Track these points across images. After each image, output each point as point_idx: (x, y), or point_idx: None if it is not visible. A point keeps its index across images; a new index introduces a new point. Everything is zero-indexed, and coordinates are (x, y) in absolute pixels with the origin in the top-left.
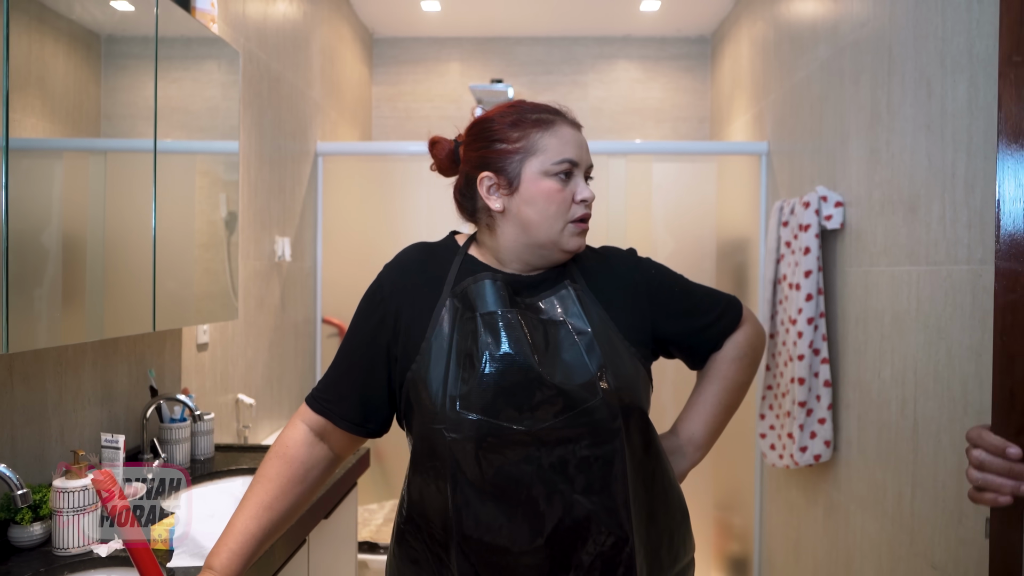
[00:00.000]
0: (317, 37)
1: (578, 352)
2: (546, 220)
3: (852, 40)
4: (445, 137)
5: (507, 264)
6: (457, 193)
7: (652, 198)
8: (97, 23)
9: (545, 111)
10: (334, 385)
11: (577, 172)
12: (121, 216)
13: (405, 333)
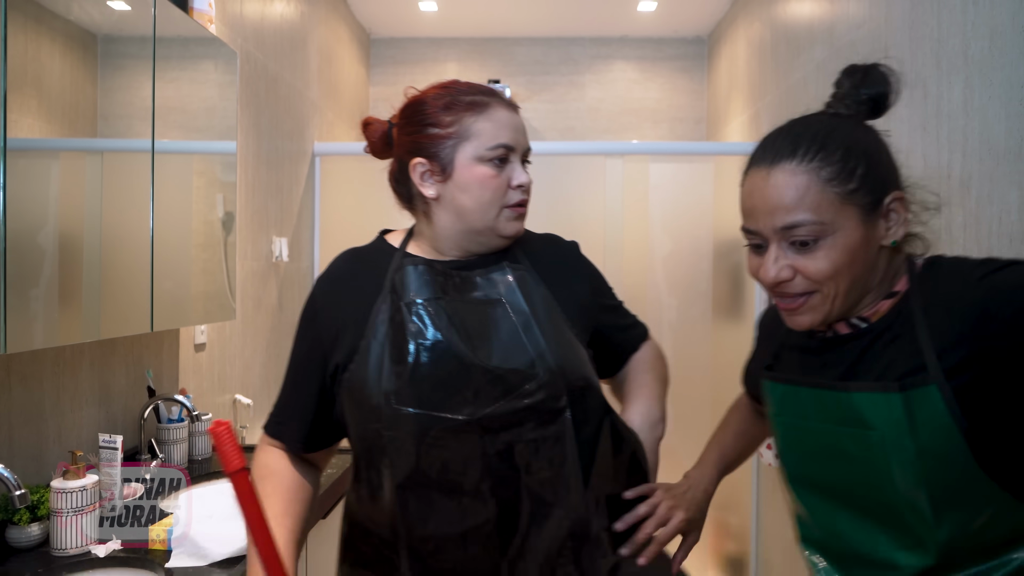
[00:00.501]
0: (314, 37)
1: (516, 333)
2: (481, 207)
3: (848, 41)
4: (379, 118)
5: (446, 252)
6: (392, 179)
7: (649, 198)
8: (94, 23)
9: (479, 92)
10: (283, 408)
11: (513, 157)
12: (118, 216)
13: (342, 342)
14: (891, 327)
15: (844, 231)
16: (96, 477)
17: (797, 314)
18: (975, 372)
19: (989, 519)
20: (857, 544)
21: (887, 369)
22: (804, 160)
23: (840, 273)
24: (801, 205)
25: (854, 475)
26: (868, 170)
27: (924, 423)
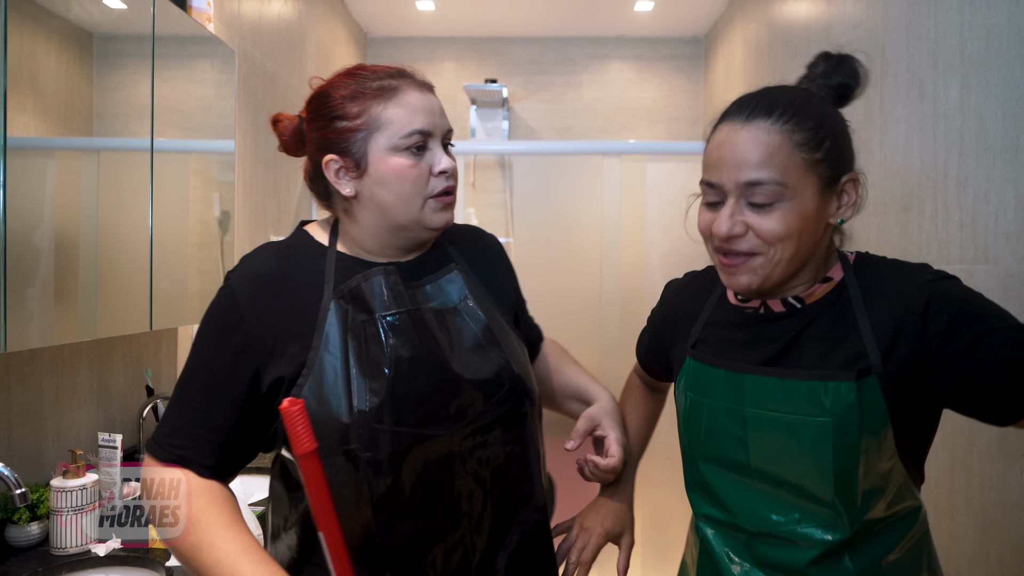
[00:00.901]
0: (312, 36)
1: (478, 341)
2: (402, 200)
3: (845, 41)
4: (288, 114)
5: (376, 252)
6: (306, 179)
7: (646, 198)
8: (91, 22)
9: (387, 76)
10: (186, 428)
11: (432, 143)
12: (114, 216)
13: (283, 353)
14: (827, 313)
15: (802, 198)
16: (96, 476)
17: (738, 273)
18: (906, 367)
19: (890, 494)
20: (768, 521)
21: (827, 355)
22: (779, 121)
23: (790, 238)
24: (769, 163)
25: (788, 459)
26: (834, 146)
27: (869, 410)
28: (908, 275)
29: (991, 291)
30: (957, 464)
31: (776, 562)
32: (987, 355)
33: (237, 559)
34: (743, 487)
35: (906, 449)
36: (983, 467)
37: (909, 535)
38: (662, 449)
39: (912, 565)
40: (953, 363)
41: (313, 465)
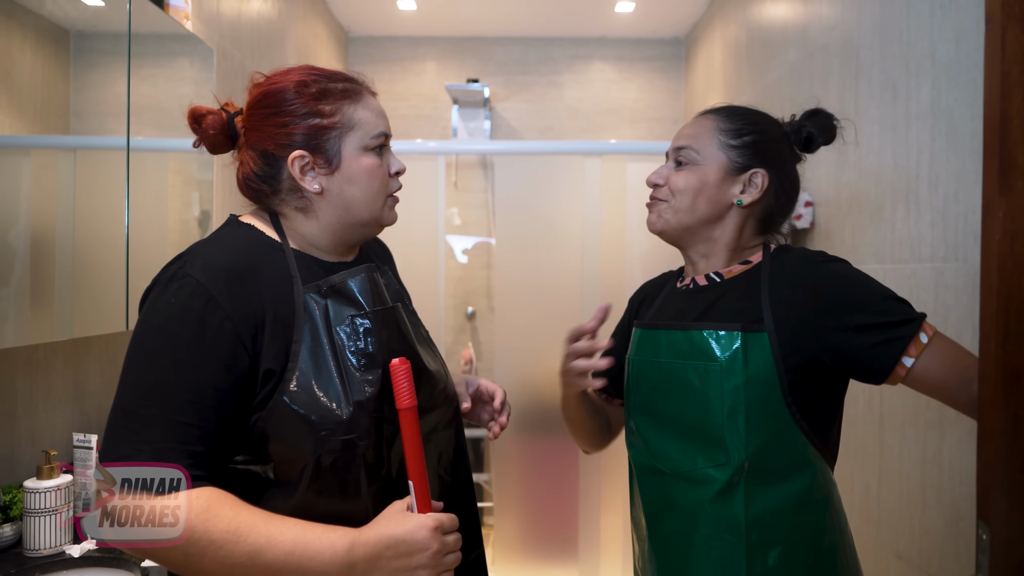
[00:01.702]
0: (292, 35)
1: (421, 333)
2: (370, 197)
3: (821, 44)
4: (209, 107)
5: (326, 250)
6: (252, 176)
7: (627, 198)
8: (67, 19)
9: (344, 79)
10: (179, 447)
11: (387, 144)
12: (91, 215)
13: (269, 347)
14: (739, 287)
15: (707, 167)
16: (70, 477)
17: (651, 213)
18: (795, 332)
19: (779, 445)
20: (681, 464)
21: (732, 317)
22: (717, 114)
23: (687, 192)
24: (694, 137)
25: (690, 402)
26: (753, 144)
27: (754, 359)
28: (805, 259)
29: (961, 288)
30: (928, 459)
31: (687, 500)
32: (855, 322)
33: (306, 540)
34: (661, 433)
35: (805, 415)
36: (952, 461)
37: (804, 499)
38: None
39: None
40: (831, 330)
41: (410, 418)
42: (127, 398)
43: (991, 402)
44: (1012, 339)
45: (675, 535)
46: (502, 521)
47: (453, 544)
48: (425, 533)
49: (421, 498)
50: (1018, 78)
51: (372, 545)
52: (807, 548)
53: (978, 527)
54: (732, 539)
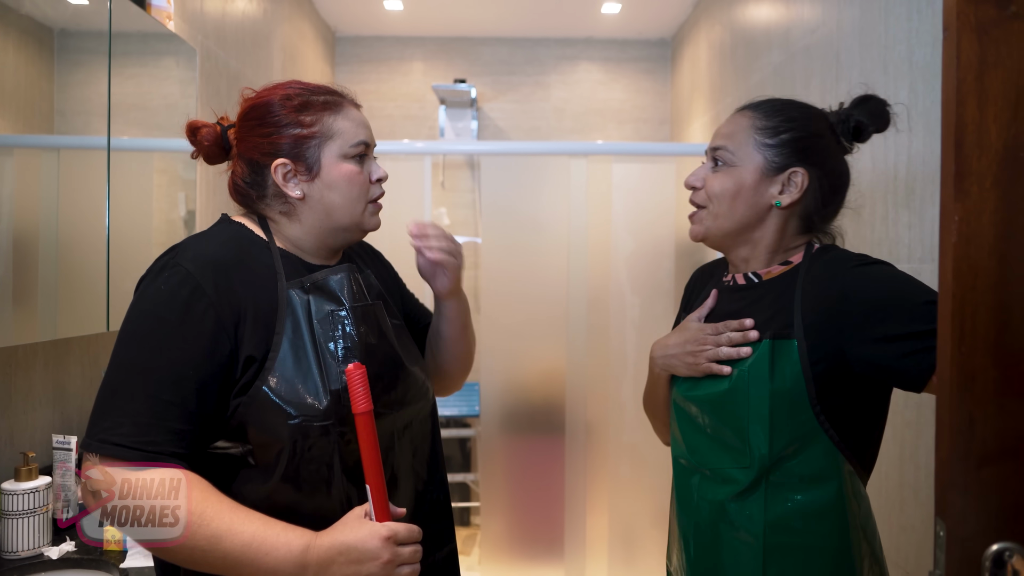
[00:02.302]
0: (278, 35)
1: (403, 332)
2: (350, 203)
3: (803, 46)
4: (205, 121)
5: (311, 252)
6: (240, 182)
7: (612, 198)
8: (49, 17)
9: (328, 92)
10: (157, 424)
11: (369, 153)
12: (75, 214)
13: (251, 336)
14: (776, 288)
15: (744, 168)
16: (49, 479)
17: (693, 223)
18: (825, 339)
19: (804, 452)
20: (708, 461)
21: (766, 321)
22: (754, 112)
23: (724, 197)
24: (729, 136)
25: (719, 404)
26: (791, 145)
27: (781, 368)
28: (839, 262)
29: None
30: (906, 457)
31: (712, 497)
32: (884, 332)
33: (264, 535)
34: (693, 429)
35: (834, 424)
36: (929, 460)
37: (828, 508)
38: (627, 448)
39: (826, 542)
40: (858, 341)
41: (367, 424)
42: (114, 375)
43: (948, 402)
44: (967, 341)
45: (701, 528)
46: (489, 521)
47: (409, 556)
48: (376, 543)
49: (378, 504)
50: (972, 85)
51: (325, 549)
52: (826, 557)
53: (936, 524)
54: (750, 539)
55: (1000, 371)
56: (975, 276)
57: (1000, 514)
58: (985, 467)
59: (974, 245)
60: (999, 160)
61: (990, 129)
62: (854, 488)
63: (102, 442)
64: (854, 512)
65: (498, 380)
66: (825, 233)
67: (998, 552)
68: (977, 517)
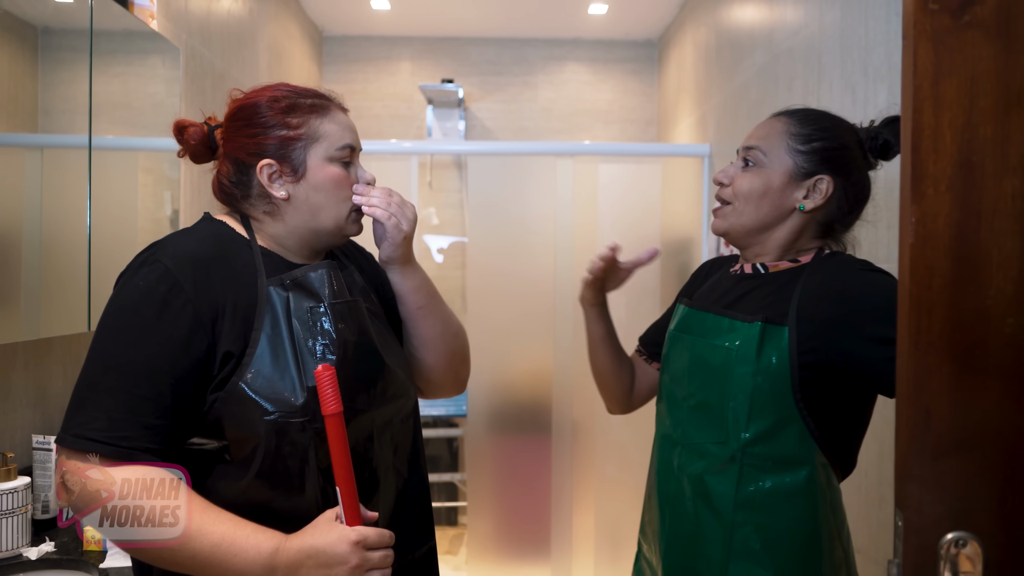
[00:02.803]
0: (264, 34)
1: (385, 329)
2: (334, 205)
3: (786, 48)
4: (192, 120)
5: (293, 252)
6: (225, 181)
7: (598, 198)
8: (32, 14)
9: (315, 95)
10: (131, 418)
11: (355, 157)
12: (59, 214)
13: (228, 332)
14: (780, 280)
15: (773, 170)
16: (27, 479)
17: (717, 217)
18: (817, 331)
19: (781, 436)
20: (690, 435)
21: (760, 308)
22: (789, 118)
23: (752, 196)
24: (763, 139)
25: (705, 380)
26: (821, 150)
27: (768, 351)
28: (844, 264)
29: None
30: (885, 454)
31: (689, 469)
32: (875, 333)
33: (233, 536)
34: (679, 404)
35: (812, 414)
36: None
37: (798, 493)
38: (614, 447)
39: (793, 525)
40: (849, 336)
41: (337, 425)
42: (91, 370)
43: (905, 396)
44: (923, 337)
45: (677, 499)
46: (475, 520)
47: (379, 560)
48: (345, 547)
49: (349, 507)
50: (928, 92)
51: (295, 553)
52: (790, 539)
53: (895, 515)
54: (719, 513)
55: (954, 368)
56: (931, 276)
57: (954, 504)
58: (940, 460)
59: (930, 246)
60: (954, 164)
61: (945, 134)
62: (827, 478)
63: (76, 437)
64: (824, 500)
65: (485, 380)
66: (838, 242)
67: (952, 540)
68: (933, 507)
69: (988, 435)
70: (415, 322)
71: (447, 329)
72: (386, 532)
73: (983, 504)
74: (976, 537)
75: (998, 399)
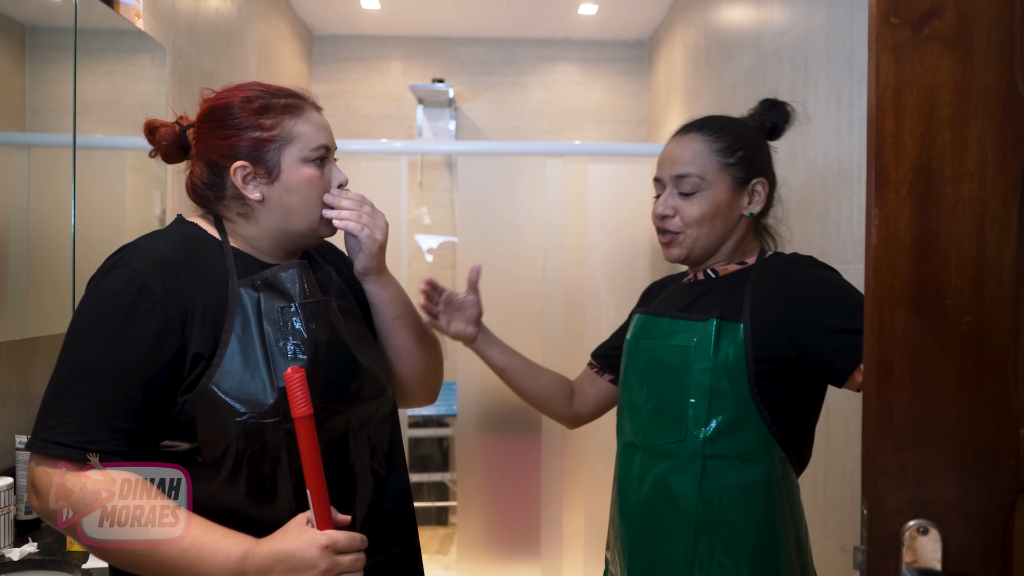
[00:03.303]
0: (253, 33)
1: (361, 329)
2: (308, 207)
3: (773, 49)
4: (163, 120)
5: (267, 253)
6: (198, 183)
7: (588, 198)
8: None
9: (288, 95)
10: (100, 422)
11: (329, 156)
12: (46, 213)
13: (199, 333)
14: (729, 284)
15: (716, 190)
16: (10, 480)
17: (670, 247)
18: (771, 325)
19: (739, 431)
20: (651, 438)
21: (714, 307)
22: (704, 133)
23: (704, 221)
24: (692, 162)
25: (664, 382)
26: (746, 157)
27: (725, 346)
28: (791, 261)
29: None
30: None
31: (652, 472)
32: (826, 323)
33: (203, 541)
34: (639, 410)
35: (768, 406)
36: None
37: (758, 487)
38: (603, 447)
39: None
40: (802, 326)
41: (307, 428)
42: (60, 374)
43: (870, 391)
44: (886, 334)
45: (640, 505)
46: (466, 520)
47: (348, 565)
48: (314, 551)
49: (319, 511)
50: (890, 101)
51: (264, 557)
52: (752, 533)
53: (862, 503)
54: (684, 513)
55: (915, 363)
56: (893, 276)
57: (915, 493)
58: (902, 451)
59: (892, 247)
60: (914, 169)
61: (906, 142)
62: (784, 472)
63: (45, 441)
64: (782, 494)
65: (475, 379)
66: (772, 235)
67: (914, 527)
68: (895, 496)
69: (946, 427)
70: (391, 333)
71: (421, 340)
72: (357, 536)
73: (942, 493)
74: (936, 524)
75: (956, 393)
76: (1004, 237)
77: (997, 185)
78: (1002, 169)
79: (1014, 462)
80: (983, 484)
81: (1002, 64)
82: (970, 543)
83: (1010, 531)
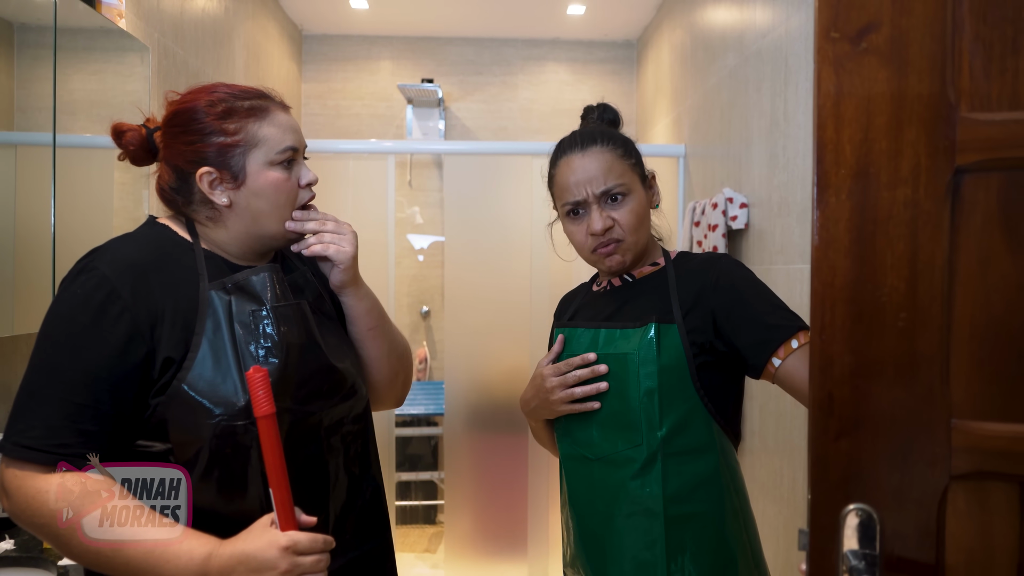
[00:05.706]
0: (241, 33)
1: (335, 330)
2: (277, 210)
3: (755, 50)
4: (130, 124)
5: (237, 256)
6: (166, 187)
7: None
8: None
9: (254, 96)
10: (69, 425)
11: (297, 157)
12: (32, 212)
13: (165, 335)
14: (649, 286)
15: (636, 192)
16: None
17: (612, 255)
18: (702, 322)
19: (691, 426)
20: (603, 449)
21: (647, 311)
22: (603, 145)
23: (639, 224)
24: (611, 173)
25: (610, 391)
26: (636, 156)
27: (666, 348)
28: (709, 259)
29: None
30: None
31: (609, 482)
32: (744, 316)
33: (167, 542)
34: (585, 423)
35: (711, 398)
36: None
37: (714, 475)
38: None
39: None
40: (723, 320)
41: (269, 428)
42: (30, 377)
43: (814, 382)
44: (827, 330)
45: (599, 516)
46: (453, 518)
47: (310, 565)
48: (274, 552)
49: (282, 511)
50: (831, 111)
51: (226, 558)
52: (716, 522)
53: (807, 489)
54: (652, 514)
55: (853, 356)
56: (834, 274)
57: (853, 479)
58: (841, 439)
59: (832, 248)
60: (852, 175)
61: (845, 148)
62: (730, 454)
63: (14, 445)
64: (730, 479)
65: (462, 379)
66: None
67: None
68: (836, 482)
69: (884, 417)
70: (366, 343)
71: (393, 349)
72: (320, 537)
73: (879, 479)
74: (874, 509)
75: (891, 384)
76: (936, 238)
77: (929, 189)
78: (934, 174)
79: (946, 451)
80: (918, 471)
81: (934, 75)
82: (905, 527)
83: (943, 516)
